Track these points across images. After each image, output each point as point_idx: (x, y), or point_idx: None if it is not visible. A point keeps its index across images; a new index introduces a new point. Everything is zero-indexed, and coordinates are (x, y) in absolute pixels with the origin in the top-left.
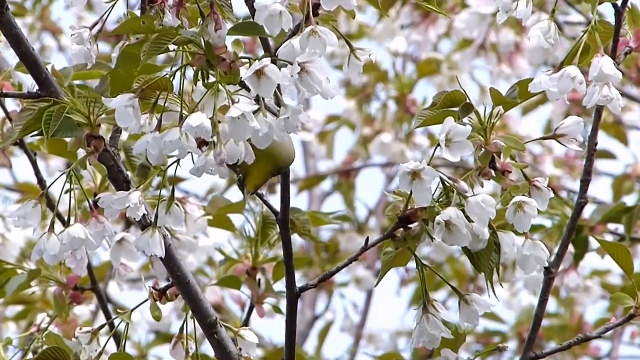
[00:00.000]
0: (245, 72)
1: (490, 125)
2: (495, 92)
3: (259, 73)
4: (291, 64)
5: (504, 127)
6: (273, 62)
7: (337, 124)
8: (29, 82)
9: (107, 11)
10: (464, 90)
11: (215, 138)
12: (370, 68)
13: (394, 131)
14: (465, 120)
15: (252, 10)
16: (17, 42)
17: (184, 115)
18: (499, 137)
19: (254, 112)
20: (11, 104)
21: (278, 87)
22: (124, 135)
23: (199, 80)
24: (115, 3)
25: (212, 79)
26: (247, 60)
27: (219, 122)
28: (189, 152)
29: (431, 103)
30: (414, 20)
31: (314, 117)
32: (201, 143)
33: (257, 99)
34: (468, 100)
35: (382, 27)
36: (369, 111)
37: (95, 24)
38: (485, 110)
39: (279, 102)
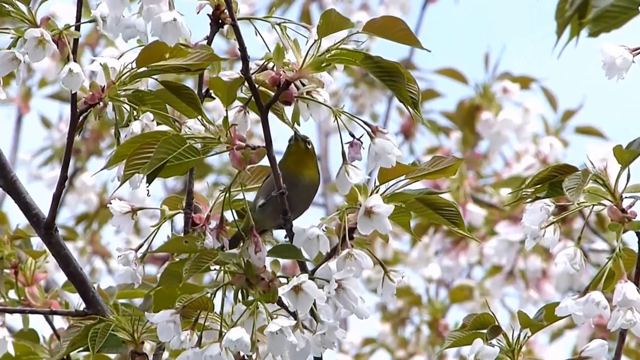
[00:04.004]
0: (284, 288)
1: (518, 348)
2: (523, 315)
3: (297, 289)
4: (328, 282)
5: (530, 352)
6: (311, 279)
7: (373, 347)
8: (75, 301)
9: (152, 234)
10: (493, 313)
11: (254, 354)
12: (404, 293)
13: (427, 354)
14: (494, 342)
15: (291, 233)
16: (65, 262)
17: (223, 332)
18: (526, 359)
19: (292, 328)
20: (59, 322)
21: (314, 303)
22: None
23: (239, 300)
24: (160, 226)
25: (251, 298)
26: (285, 280)
27: (258, 340)
28: None
29: (461, 325)
30: (445, 247)
31: (351, 340)
32: None
33: (295, 316)
34: (496, 323)
35: (416, 254)
36: (404, 335)
37: (141, 245)
38: (513, 334)
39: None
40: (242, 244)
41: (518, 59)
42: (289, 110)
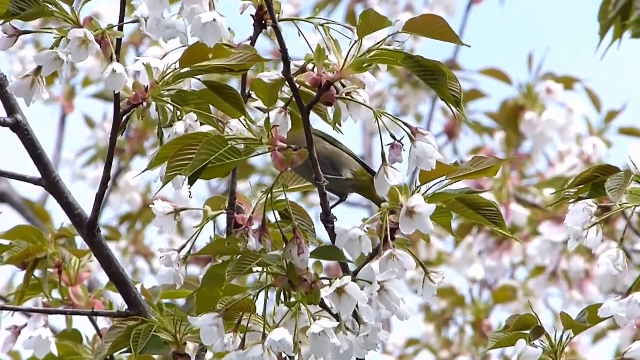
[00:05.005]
0: (326, 290)
1: (561, 349)
2: (565, 316)
3: (340, 291)
4: (370, 283)
5: (573, 353)
6: (353, 281)
7: (416, 348)
8: (118, 300)
9: (194, 234)
10: (536, 314)
11: (297, 356)
12: (448, 293)
13: (471, 355)
14: (536, 342)
15: (332, 234)
16: (107, 262)
17: (266, 333)
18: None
19: (335, 329)
20: (102, 321)
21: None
22: (210, 354)
23: (281, 301)
24: (202, 227)
25: (293, 299)
26: (327, 282)
27: (300, 342)
28: None
29: (504, 326)
30: (489, 247)
31: (394, 340)
32: None
33: (337, 317)
34: (539, 324)
35: (460, 255)
36: (447, 335)
37: (183, 246)
38: (555, 334)
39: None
40: (284, 245)
41: (562, 59)
42: (331, 111)
